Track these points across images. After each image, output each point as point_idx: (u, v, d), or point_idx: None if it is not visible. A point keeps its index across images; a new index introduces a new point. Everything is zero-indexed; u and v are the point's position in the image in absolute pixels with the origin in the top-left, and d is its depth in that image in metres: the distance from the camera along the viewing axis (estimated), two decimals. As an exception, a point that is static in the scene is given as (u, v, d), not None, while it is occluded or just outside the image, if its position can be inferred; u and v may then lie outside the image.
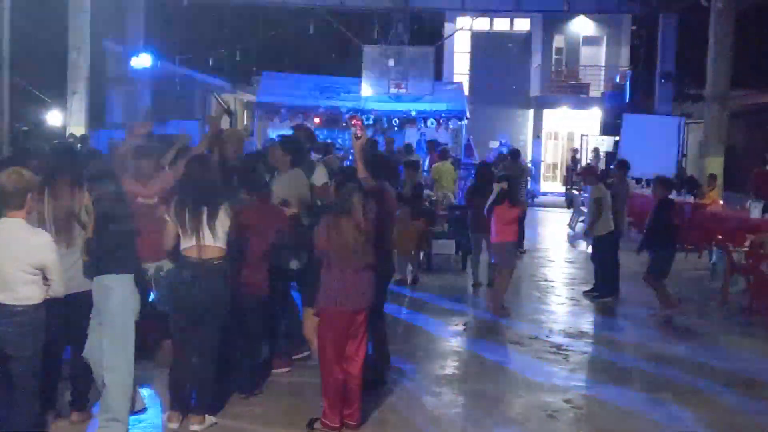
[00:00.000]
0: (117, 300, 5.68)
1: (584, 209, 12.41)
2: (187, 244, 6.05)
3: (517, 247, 10.79)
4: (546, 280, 13.33)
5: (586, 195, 11.90)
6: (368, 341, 6.55)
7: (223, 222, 6.07)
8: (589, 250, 13.08)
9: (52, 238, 5.30)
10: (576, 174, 23.50)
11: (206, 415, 6.14)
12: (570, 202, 25.17)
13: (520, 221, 12.51)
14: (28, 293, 5.12)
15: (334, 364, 6.05)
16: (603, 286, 11.79)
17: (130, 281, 5.78)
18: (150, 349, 7.14)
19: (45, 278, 5.19)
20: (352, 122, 6.76)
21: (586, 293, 11.97)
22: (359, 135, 6.69)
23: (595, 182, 11.95)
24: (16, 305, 5.08)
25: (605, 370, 8.41)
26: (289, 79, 27.80)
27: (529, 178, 27.89)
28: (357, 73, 27.48)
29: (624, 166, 13.06)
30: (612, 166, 16.60)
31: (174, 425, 6.10)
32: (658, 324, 10.35)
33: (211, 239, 6.02)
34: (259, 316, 6.91)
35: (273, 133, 26.21)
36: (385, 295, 7.43)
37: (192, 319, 6.07)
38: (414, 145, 21.48)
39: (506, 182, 10.70)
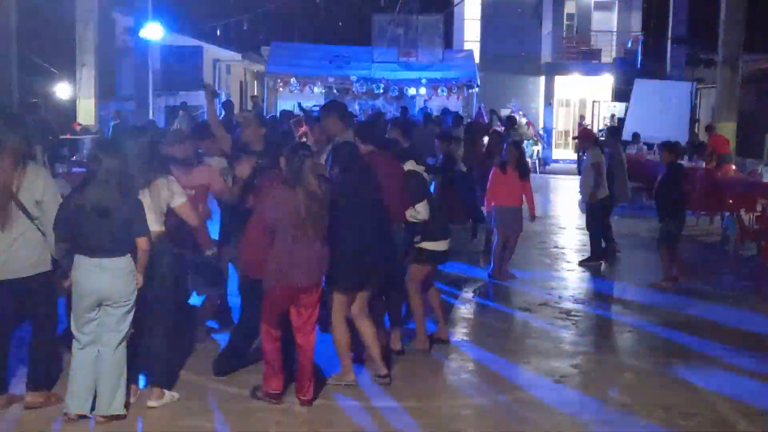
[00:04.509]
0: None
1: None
2: None
3: (518, 212, 10.62)
4: (556, 247, 13.31)
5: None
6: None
7: (147, 203, 5.69)
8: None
9: None
10: (572, 138, 23.44)
11: (165, 390, 5.99)
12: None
13: None
14: None
15: (275, 337, 5.98)
16: (597, 250, 11.70)
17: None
18: None
19: None
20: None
21: (582, 263, 11.74)
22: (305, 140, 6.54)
23: (592, 146, 11.80)
24: None
25: (614, 336, 8.43)
26: (298, 49, 27.78)
27: (539, 146, 27.81)
28: (366, 42, 27.39)
29: (615, 131, 12.90)
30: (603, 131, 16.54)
31: (130, 399, 5.89)
32: (668, 289, 10.29)
33: None
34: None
35: (283, 103, 26.21)
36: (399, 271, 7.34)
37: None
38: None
39: (515, 147, 10.67)
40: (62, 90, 23.50)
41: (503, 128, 17.18)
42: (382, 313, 7.21)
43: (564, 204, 18.96)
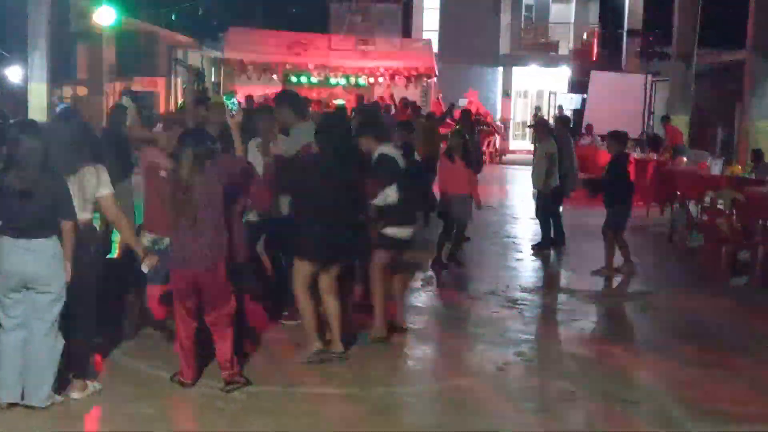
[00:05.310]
0: None
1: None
2: None
3: (468, 200, 10.67)
4: (508, 237, 13.39)
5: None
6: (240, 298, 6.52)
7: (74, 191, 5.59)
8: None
9: None
10: (528, 126, 23.58)
11: (87, 382, 5.88)
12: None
13: None
14: None
15: (181, 323, 6.01)
16: (548, 238, 11.84)
17: None
18: None
19: None
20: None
21: (532, 250, 11.91)
22: (233, 114, 6.52)
23: (547, 137, 11.91)
24: None
25: (559, 324, 8.50)
26: (256, 35, 27.54)
27: (494, 136, 27.95)
28: (324, 30, 27.30)
29: (565, 120, 13.09)
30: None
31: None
32: (615, 278, 10.41)
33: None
34: None
35: (241, 90, 26.06)
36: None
37: None
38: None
39: (460, 137, 10.71)
40: (13, 74, 23.06)
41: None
42: (349, 292, 7.34)
43: (519, 194, 19.09)
